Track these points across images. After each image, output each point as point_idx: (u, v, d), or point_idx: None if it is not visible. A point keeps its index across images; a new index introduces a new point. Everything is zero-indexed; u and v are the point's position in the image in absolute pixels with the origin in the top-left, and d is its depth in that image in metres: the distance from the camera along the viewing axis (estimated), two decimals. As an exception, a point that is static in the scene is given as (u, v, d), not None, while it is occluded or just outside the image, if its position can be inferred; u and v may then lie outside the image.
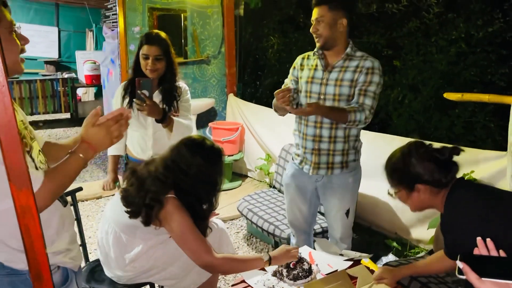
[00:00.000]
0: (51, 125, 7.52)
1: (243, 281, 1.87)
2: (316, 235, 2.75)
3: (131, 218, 1.79)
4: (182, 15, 4.68)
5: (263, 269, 1.98)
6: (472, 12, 4.45)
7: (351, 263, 2.00)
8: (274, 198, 3.38)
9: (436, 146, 1.60)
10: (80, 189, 2.33)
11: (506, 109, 2.42)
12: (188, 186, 1.79)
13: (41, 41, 8.13)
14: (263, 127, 4.39)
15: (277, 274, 1.86)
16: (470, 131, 4.17)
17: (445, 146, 1.58)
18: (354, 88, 2.12)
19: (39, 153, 1.29)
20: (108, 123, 1.28)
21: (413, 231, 3.07)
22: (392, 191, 1.65)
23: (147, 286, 2.04)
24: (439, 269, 1.77)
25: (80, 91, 8.15)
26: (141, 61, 2.35)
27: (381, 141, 3.18)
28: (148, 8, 4.43)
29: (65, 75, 7.70)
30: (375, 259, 2.90)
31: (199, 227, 1.86)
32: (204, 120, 4.85)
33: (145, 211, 1.75)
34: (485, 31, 4.22)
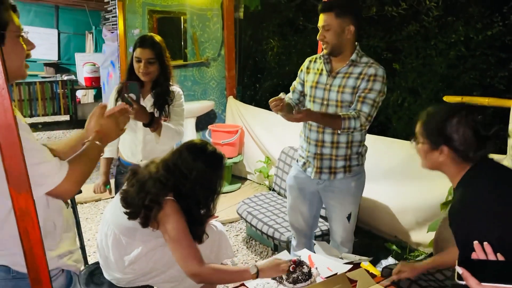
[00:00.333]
0: (50, 127, 7.50)
1: (243, 284, 1.86)
2: (315, 238, 2.74)
3: (129, 219, 1.79)
4: (182, 17, 4.68)
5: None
6: (471, 15, 4.47)
7: (350, 266, 1.99)
8: (273, 201, 3.37)
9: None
10: (79, 191, 2.33)
11: (505, 112, 2.42)
12: (187, 189, 1.79)
13: (41, 43, 8.11)
14: (262, 130, 4.39)
15: (277, 277, 1.85)
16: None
17: (492, 123, 1.42)
18: (355, 95, 2.10)
19: None
20: (115, 115, 1.39)
21: (413, 234, 3.07)
22: (414, 139, 1.54)
23: (146, 289, 2.04)
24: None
25: (79, 93, 8.15)
26: (134, 64, 2.33)
27: (380, 144, 3.18)
28: (148, 10, 4.44)
29: (65, 77, 7.70)
30: (374, 263, 2.89)
31: (196, 232, 1.86)
32: (203, 122, 4.85)
33: (144, 212, 1.75)
34: (485, 34, 4.23)
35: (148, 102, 2.36)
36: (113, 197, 2.08)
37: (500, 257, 1.03)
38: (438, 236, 2.47)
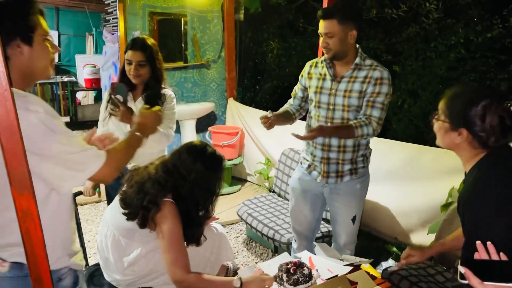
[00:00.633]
0: (50, 129, 7.50)
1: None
2: (316, 240, 2.74)
3: (128, 220, 1.79)
4: (182, 19, 4.69)
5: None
6: (471, 17, 4.48)
7: (351, 268, 1.99)
8: (273, 202, 3.37)
9: None
10: (80, 193, 2.33)
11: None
12: (186, 191, 1.79)
13: (41, 45, 8.13)
14: (262, 131, 4.38)
15: (277, 279, 1.85)
16: (469, 136, 4.17)
17: None
18: (363, 99, 2.09)
19: None
20: (155, 112, 1.60)
21: (413, 236, 3.07)
22: (434, 115, 1.50)
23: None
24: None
25: (79, 95, 8.14)
26: (126, 66, 2.34)
27: (381, 146, 3.18)
28: (148, 12, 4.44)
29: (65, 79, 7.69)
30: (375, 264, 2.89)
31: (193, 234, 1.86)
32: (204, 124, 4.85)
33: (142, 213, 1.75)
34: (484, 36, 4.24)
35: (138, 104, 2.35)
36: (104, 200, 2.08)
37: (503, 257, 1.03)
38: (438, 238, 2.48)
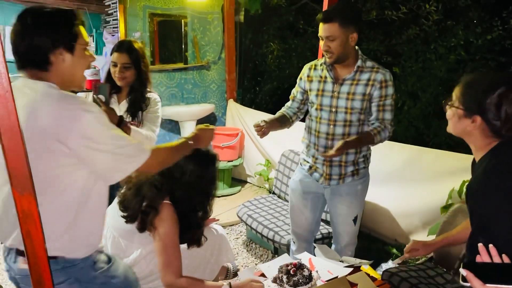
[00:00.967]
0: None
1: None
2: (316, 241, 2.74)
3: (127, 223, 1.79)
4: (182, 21, 4.69)
5: (262, 275, 1.98)
6: (471, 19, 4.49)
7: (351, 269, 1.99)
8: (273, 204, 3.37)
9: None
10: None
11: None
12: (181, 193, 1.78)
13: (41, 46, 8.14)
14: (262, 133, 4.38)
15: (277, 280, 1.85)
16: (469, 138, 4.17)
17: None
18: (366, 101, 2.10)
19: None
20: (211, 129, 1.72)
21: (413, 237, 3.06)
22: (448, 100, 1.46)
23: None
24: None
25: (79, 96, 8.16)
26: (111, 68, 2.36)
27: (381, 147, 3.17)
28: (148, 13, 4.45)
29: (65, 80, 7.71)
30: (375, 266, 2.89)
31: (193, 236, 1.85)
32: (203, 125, 4.84)
33: (141, 217, 1.75)
34: (484, 38, 4.25)
35: (122, 107, 2.36)
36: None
37: (505, 259, 1.03)
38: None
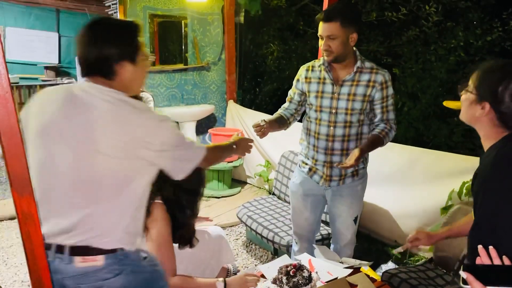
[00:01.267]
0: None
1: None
2: (316, 242, 2.74)
3: None
4: (182, 22, 4.70)
5: (262, 275, 1.98)
6: (471, 21, 4.49)
7: (351, 270, 1.99)
8: (273, 205, 3.37)
9: None
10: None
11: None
12: (169, 193, 1.78)
13: (41, 47, 8.12)
14: (262, 134, 4.38)
15: (277, 281, 1.85)
16: (469, 139, 4.18)
17: None
18: (366, 102, 2.11)
19: None
20: (249, 139, 2.00)
21: (413, 238, 3.06)
22: (464, 85, 1.42)
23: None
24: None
25: (79, 97, 8.16)
26: None
27: (380, 149, 3.17)
28: (149, 14, 4.46)
29: (65, 81, 7.69)
30: (374, 267, 2.89)
31: (184, 236, 1.85)
32: (203, 126, 4.85)
33: None
34: (484, 39, 4.26)
35: None
36: None
37: (506, 261, 1.02)
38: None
